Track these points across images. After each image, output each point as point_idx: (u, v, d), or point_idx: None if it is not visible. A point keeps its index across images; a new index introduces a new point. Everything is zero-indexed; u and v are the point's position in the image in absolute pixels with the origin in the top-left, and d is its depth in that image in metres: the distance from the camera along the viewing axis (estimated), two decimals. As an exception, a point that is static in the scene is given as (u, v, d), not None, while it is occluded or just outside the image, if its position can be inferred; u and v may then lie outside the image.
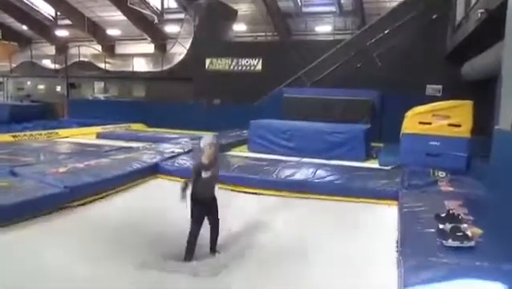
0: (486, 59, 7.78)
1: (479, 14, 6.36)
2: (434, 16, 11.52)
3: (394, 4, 14.97)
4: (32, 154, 7.86)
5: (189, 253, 3.80)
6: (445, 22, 11.22)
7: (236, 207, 5.16)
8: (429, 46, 11.56)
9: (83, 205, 5.18)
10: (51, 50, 27.98)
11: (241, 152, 9.24)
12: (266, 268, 3.62)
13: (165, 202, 5.06)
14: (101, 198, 5.51)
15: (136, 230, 4.45)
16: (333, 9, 20.44)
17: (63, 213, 4.83)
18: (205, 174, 3.79)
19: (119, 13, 23.08)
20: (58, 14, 26.55)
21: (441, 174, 6.23)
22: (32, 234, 4.14)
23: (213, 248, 3.97)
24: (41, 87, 22.12)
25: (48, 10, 26.63)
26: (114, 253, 3.80)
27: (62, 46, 26.98)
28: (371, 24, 13.33)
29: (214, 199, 3.99)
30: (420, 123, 7.18)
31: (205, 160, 3.83)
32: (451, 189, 5.43)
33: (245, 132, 10.59)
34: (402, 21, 11.85)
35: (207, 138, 3.93)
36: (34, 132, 11.79)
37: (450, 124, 6.94)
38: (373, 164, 8.21)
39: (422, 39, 11.60)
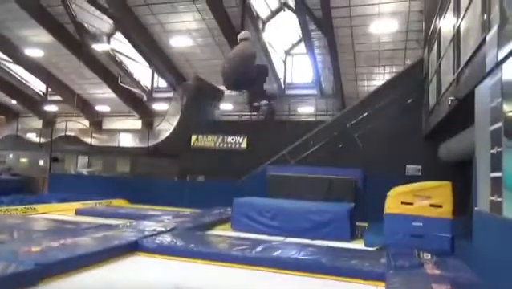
0: (461, 142, 8.15)
1: (449, 101, 6.79)
2: (409, 100, 12.23)
3: (372, 88, 16.00)
4: (5, 231, 7.49)
5: None
6: (420, 106, 11.89)
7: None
8: (407, 128, 12.07)
9: (55, 280, 4.84)
10: (38, 124, 28.24)
11: (224, 232, 9.03)
12: None
13: (143, 278, 5.07)
14: (75, 274, 5.19)
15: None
16: (315, 92, 21.65)
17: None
18: None
19: (110, 90, 23.87)
20: (49, 90, 27.26)
21: (426, 256, 6.16)
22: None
23: None
24: (23, 160, 21.89)
25: (39, 86, 27.33)
26: None
27: (49, 121, 27.27)
28: (350, 107, 14.00)
29: None
30: (403, 203, 7.26)
31: None
32: (437, 271, 5.33)
33: (228, 209, 10.46)
34: (380, 104, 12.51)
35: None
36: (9, 207, 11.36)
37: (432, 205, 7.03)
38: (358, 244, 8.12)
39: (400, 121, 12.14)
